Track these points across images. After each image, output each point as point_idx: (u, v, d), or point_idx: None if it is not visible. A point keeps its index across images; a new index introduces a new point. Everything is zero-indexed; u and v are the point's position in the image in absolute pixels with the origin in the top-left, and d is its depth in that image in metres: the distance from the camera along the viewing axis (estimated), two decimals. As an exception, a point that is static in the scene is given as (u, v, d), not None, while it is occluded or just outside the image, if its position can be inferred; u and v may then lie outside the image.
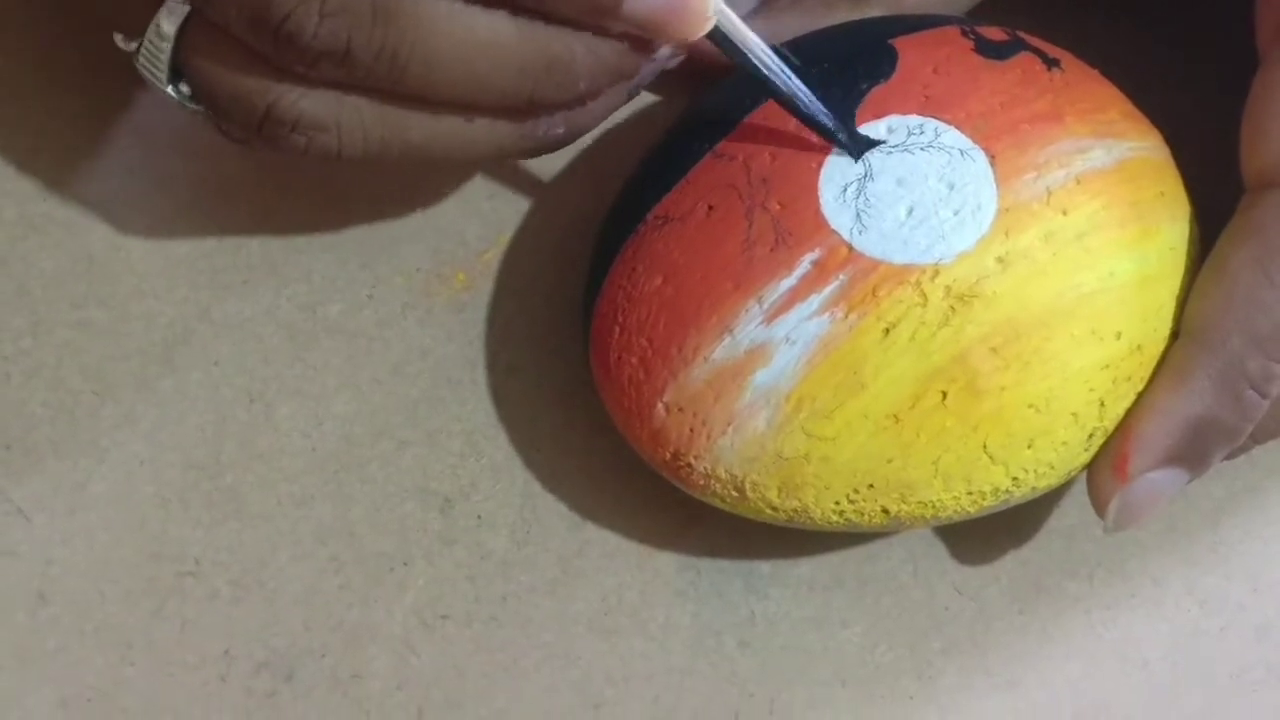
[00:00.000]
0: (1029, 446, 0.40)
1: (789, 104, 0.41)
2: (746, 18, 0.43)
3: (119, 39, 0.41)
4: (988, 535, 0.45)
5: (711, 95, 0.44)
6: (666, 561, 0.45)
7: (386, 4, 0.38)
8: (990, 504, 0.41)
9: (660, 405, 0.41)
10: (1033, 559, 0.45)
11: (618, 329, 0.42)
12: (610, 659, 0.44)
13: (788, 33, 0.44)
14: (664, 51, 0.40)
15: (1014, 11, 0.45)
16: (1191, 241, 0.42)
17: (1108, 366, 0.40)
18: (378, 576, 0.44)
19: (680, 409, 0.41)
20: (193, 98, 0.41)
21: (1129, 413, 0.41)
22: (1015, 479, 0.40)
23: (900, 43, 0.43)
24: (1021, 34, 0.44)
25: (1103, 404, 0.40)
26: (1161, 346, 0.41)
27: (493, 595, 0.44)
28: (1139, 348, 0.41)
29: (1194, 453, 0.41)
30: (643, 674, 0.44)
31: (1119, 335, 0.40)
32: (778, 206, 0.41)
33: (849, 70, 0.42)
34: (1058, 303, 0.40)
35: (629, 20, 0.38)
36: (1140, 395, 0.41)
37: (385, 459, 0.45)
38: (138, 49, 0.41)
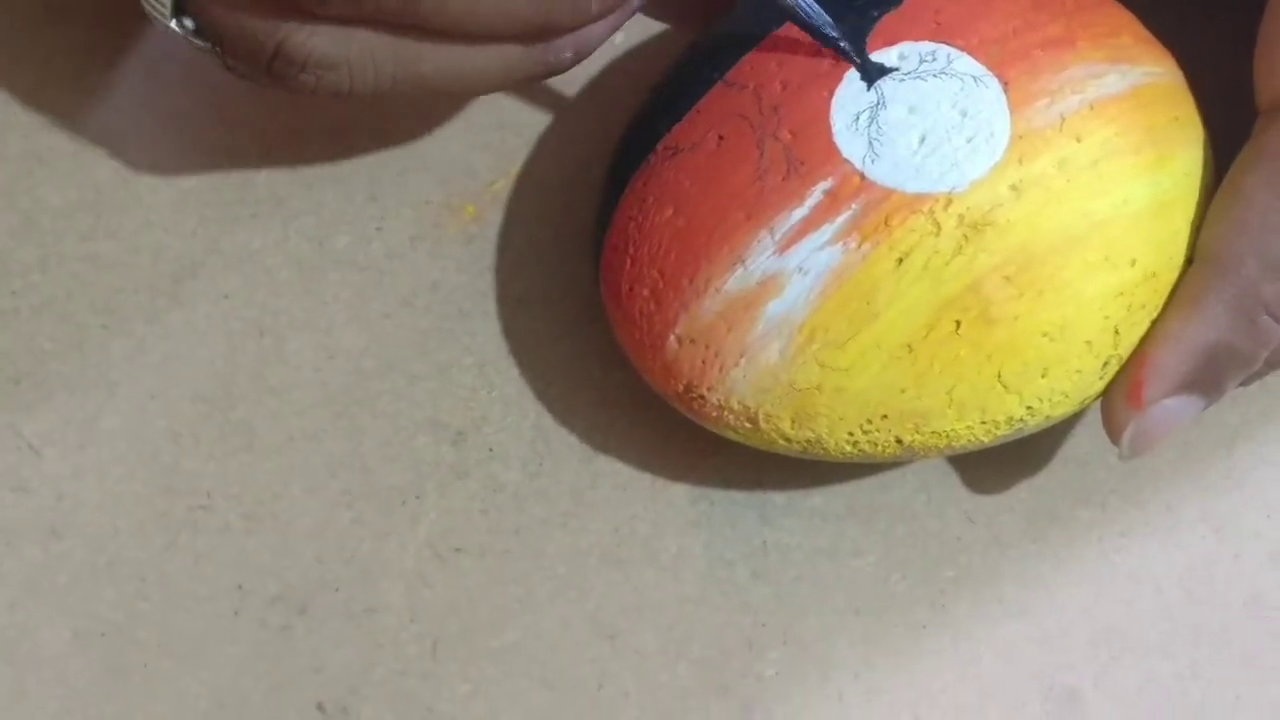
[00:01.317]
0: (1043, 375, 0.40)
1: (795, 16, 0.41)
2: None
3: None
4: (1001, 464, 0.44)
5: (721, 24, 0.44)
6: (679, 492, 0.45)
7: None
8: (1004, 433, 0.41)
9: (672, 337, 0.41)
10: (1046, 487, 0.45)
11: (629, 261, 0.42)
12: (623, 590, 0.44)
13: None
14: None
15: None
16: (1206, 167, 0.42)
17: (1122, 294, 0.40)
18: (390, 509, 0.44)
19: (692, 340, 0.41)
20: (198, 34, 0.40)
21: (1144, 340, 0.41)
22: (1030, 408, 0.40)
23: None
24: None
25: (1117, 331, 0.40)
26: (1176, 273, 0.41)
27: (505, 527, 0.44)
28: (1154, 274, 0.40)
29: (1209, 379, 0.40)
30: (656, 604, 0.44)
31: (1133, 262, 0.40)
32: (789, 135, 0.41)
33: None
34: (1071, 230, 0.40)
35: None
36: (1155, 322, 0.41)
37: (396, 392, 0.45)
38: None
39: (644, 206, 0.42)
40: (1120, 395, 0.41)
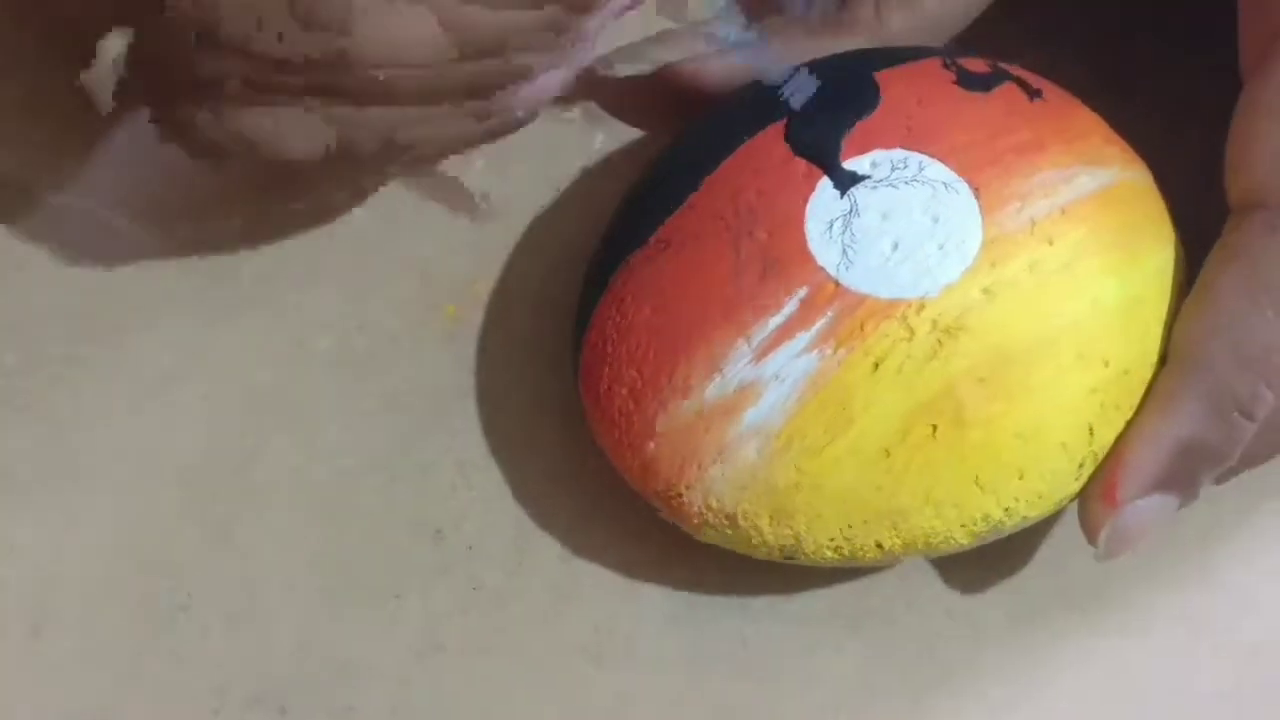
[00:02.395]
0: (1020, 476, 0.40)
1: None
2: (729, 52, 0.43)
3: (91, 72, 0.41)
4: (980, 563, 0.44)
5: (696, 131, 0.44)
6: (659, 591, 0.45)
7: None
8: (983, 534, 0.41)
9: (652, 439, 0.41)
10: (1025, 585, 0.45)
11: (607, 360, 0.42)
12: (603, 689, 0.44)
13: (771, 63, 0.45)
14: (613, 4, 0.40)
15: (994, 37, 0.45)
16: (1177, 265, 0.42)
17: (1095, 391, 0.40)
18: (370, 608, 0.44)
19: (671, 441, 0.41)
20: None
21: (1118, 439, 0.41)
22: (1007, 509, 0.41)
23: (883, 76, 0.43)
24: (1003, 65, 0.44)
25: (1092, 431, 0.41)
26: (1150, 370, 0.41)
27: (486, 626, 0.44)
28: (1126, 372, 0.41)
29: (1183, 477, 0.41)
30: (636, 703, 0.44)
31: (1106, 362, 0.40)
32: (764, 236, 0.41)
33: (834, 104, 0.42)
34: (1044, 332, 0.40)
35: None
36: (1129, 422, 0.41)
37: (377, 490, 0.45)
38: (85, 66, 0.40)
39: (622, 306, 0.42)
40: (1095, 495, 0.41)
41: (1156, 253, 0.42)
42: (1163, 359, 0.41)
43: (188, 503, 0.45)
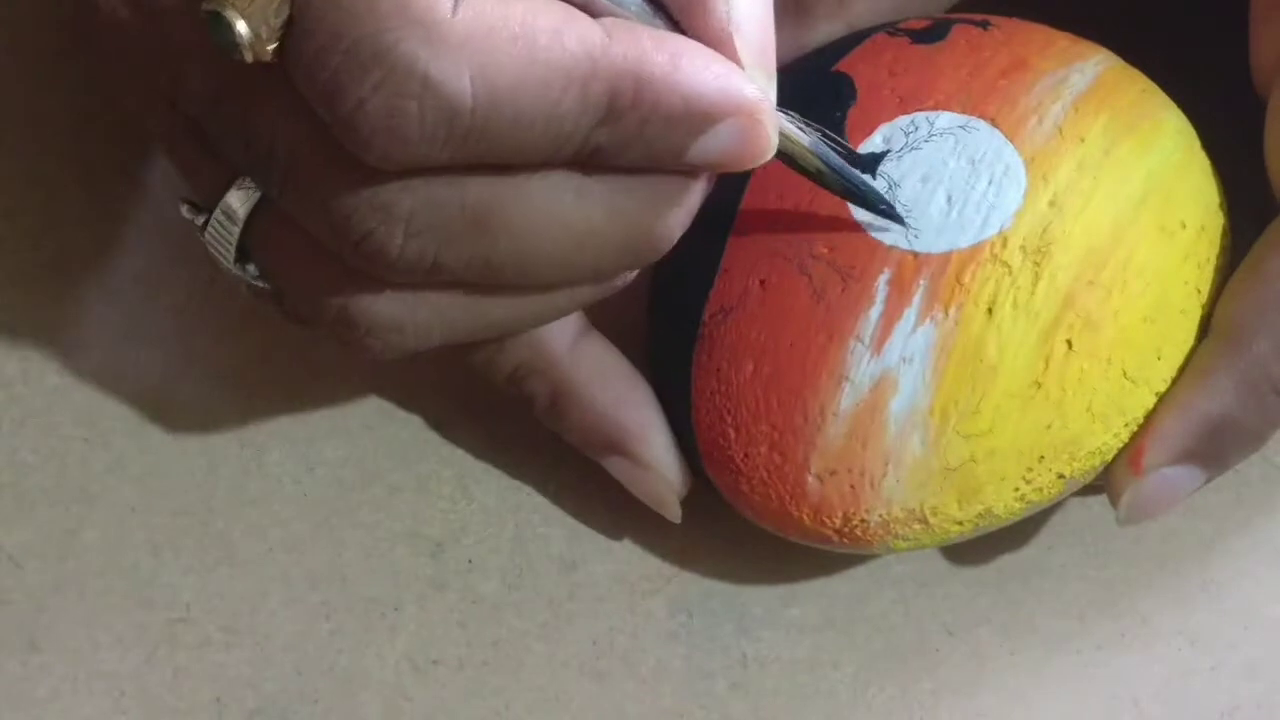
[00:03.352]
0: (1159, 358, 0.41)
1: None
2: None
3: (185, 210, 0.40)
4: (978, 576, 0.45)
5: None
6: (657, 604, 0.45)
7: (477, 216, 0.36)
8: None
9: (811, 478, 0.41)
10: (1023, 599, 0.45)
11: (732, 431, 0.42)
12: (602, 702, 0.44)
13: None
14: None
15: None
16: (1185, 123, 0.44)
17: (1187, 256, 0.41)
18: (369, 621, 0.44)
19: (833, 472, 0.41)
20: (260, 278, 0.40)
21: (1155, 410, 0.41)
22: (1158, 393, 0.41)
23: (844, 65, 0.44)
24: (938, 16, 0.45)
25: (1199, 291, 0.42)
26: (1216, 219, 0.42)
27: (484, 639, 0.44)
28: (1202, 229, 0.42)
29: (1211, 452, 0.41)
30: (635, 717, 0.44)
31: (1184, 224, 0.42)
32: (826, 250, 0.41)
33: (815, 108, 0.42)
34: (1119, 218, 0.41)
35: (698, 164, 0.37)
36: (1219, 278, 0.42)
37: (376, 503, 0.45)
38: (204, 224, 0.40)
39: (720, 376, 0.42)
40: (1123, 460, 0.41)
41: (1169, 115, 0.43)
42: (1220, 207, 0.43)
43: (187, 515, 0.45)
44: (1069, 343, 0.40)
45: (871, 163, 0.42)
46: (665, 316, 0.44)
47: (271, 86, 0.36)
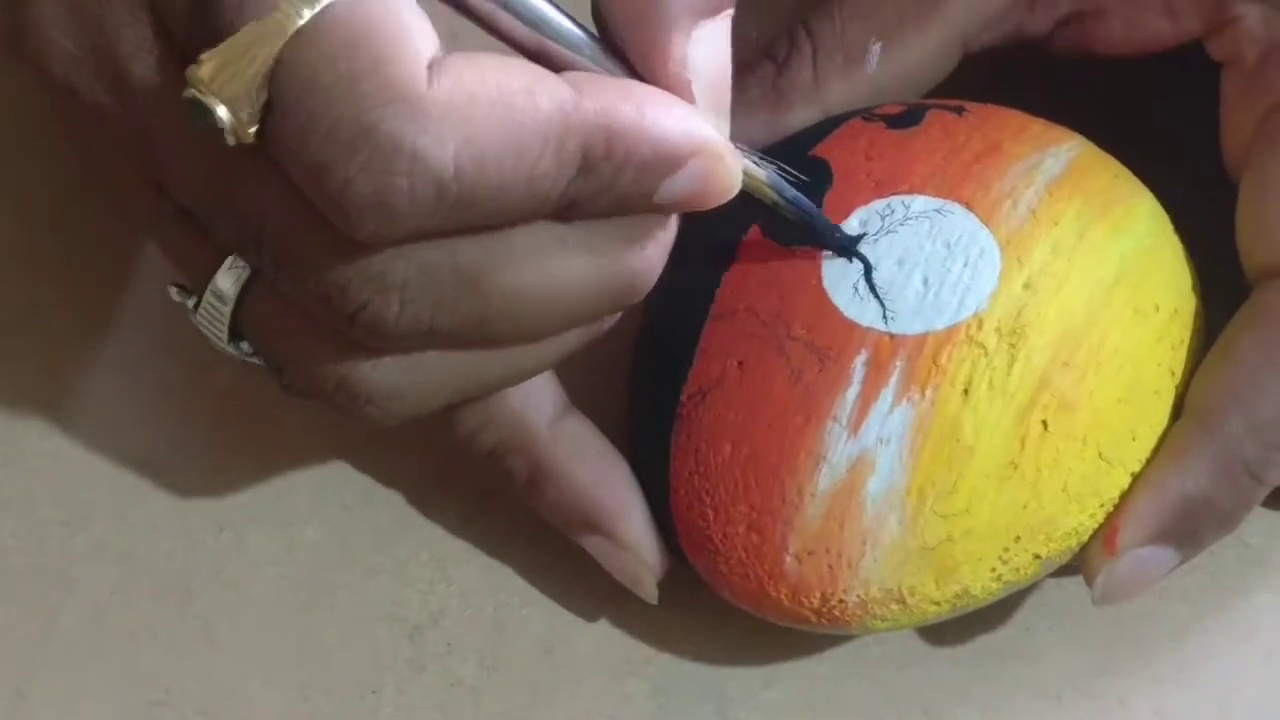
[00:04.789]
0: (1134, 438, 0.41)
1: (801, 224, 0.41)
2: None
3: (174, 293, 0.40)
4: (956, 656, 0.45)
5: (678, 268, 0.42)
6: (636, 686, 0.45)
7: (468, 277, 0.36)
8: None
9: (789, 558, 0.41)
10: (1001, 679, 0.45)
11: (710, 511, 0.42)
12: (581, 785, 0.44)
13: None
14: None
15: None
16: (1159, 208, 0.44)
17: (1162, 338, 0.42)
18: (348, 704, 0.44)
19: (811, 552, 0.41)
20: (254, 356, 0.40)
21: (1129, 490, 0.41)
22: (1133, 474, 0.41)
23: (821, 150, 0.44)
24: (912, 101, 0.46)
25: (1173, 373, 0.42)
26: (1189, 302, 0.43)
27: (463, 722, 0.44)
28: (1175, 311, 0.42)
29: (1185, 532, 0.41)
30: (613, 800, 0.44)
31: (1157, 307, 0.42)
32: (803, 331, 0.41)
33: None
34: (1094, 300, 0.41)
35: (667, 204, 0.38)
36: (1193, 360, 0.42)
37: (354, 585, 0.46)
38: (195, 305, 0.40)
39: (699, 457, 0.42)
40: (1097, 541, 0.41)
41: (1141, 200, 0.44)
42: (1193, 290, 0.43)
43: (166, 597, 0.45)
44: (1045, 423, 0.40)
45: (850, 243, 0.42)
46: (644, 398, 0.44)
47: (256, 166, 0.36)
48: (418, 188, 0.34)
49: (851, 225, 0.42)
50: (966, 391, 0.40)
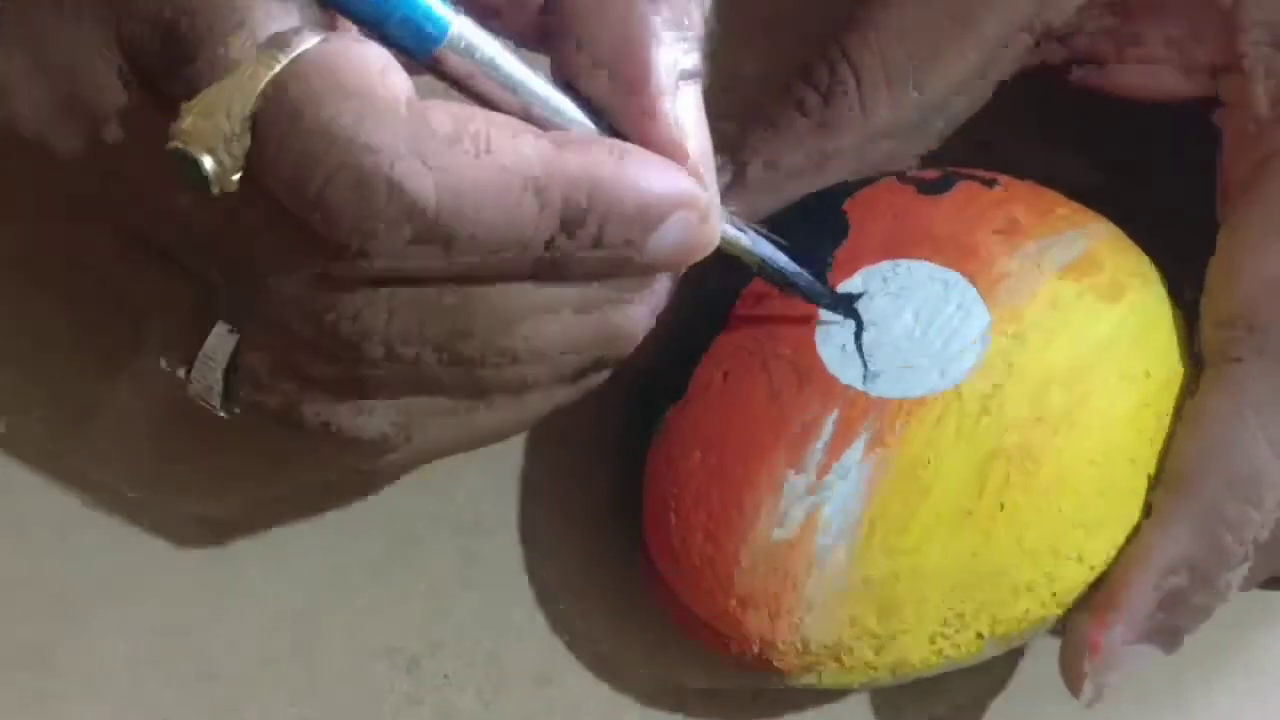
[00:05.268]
0: (1100, 501, 0.41)
1: (782, 283, 0.42)
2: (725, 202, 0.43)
3: (164, 363, 0.40)
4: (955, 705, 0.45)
5: (687, 304, 0.43)
6: (631, 718, 0.45)
7: (455, 319, 0.37)
8: (1076, 573, 0.41)
9: (739, 571, 0.41)
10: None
11: (672, 515, 0.42)
12: (578, 819, 0.44)
13: (763, 208, 0.45)
14: None
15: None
16: (1167, 293, 0.44)
17: (1147, 405, 0.41)
18: (345, 737, 0.45)
19: (759, 570, 0.41)
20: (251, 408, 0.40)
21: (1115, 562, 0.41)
22: (1094, 536, 0.41)
23: (847, 205, 0.45)
24: (952, 168, 0.45)
25: (1153, 442, 0.41)
26: (1181, 378, 0.42)
27: (460, 755, 0.45)
28: (1168, 381, 0.42)
29: (1169, 610, 0.41)
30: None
31: (1148, 373, 0.42)
32: (789, 351, 0.42)
33: (807, 243, 0.43)
34: (1082, 357, 0.41)
35: (652, 261, 0.38)
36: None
37: (352, 618, 0.46)
38: (187, 374, 0.40)
39: (671, 462, 0.43)
40: (1079, 649, 0.41)
41: (1152, 284, 0.43)
42: (1193, 363, 0.42)
43: (164, 632, 0.45)
44: (1007, 475, 0.40)
45: (846, 302, 0.42)
46: (643, 401, 0.45)
47: (243, 199, 0.36)
48: (395, 214, 0.35)
49: (855, 283, 0.43)
50: (931, 434, 0.41)
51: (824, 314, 0.42)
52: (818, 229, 0.44)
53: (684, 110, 0.37)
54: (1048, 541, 0.40)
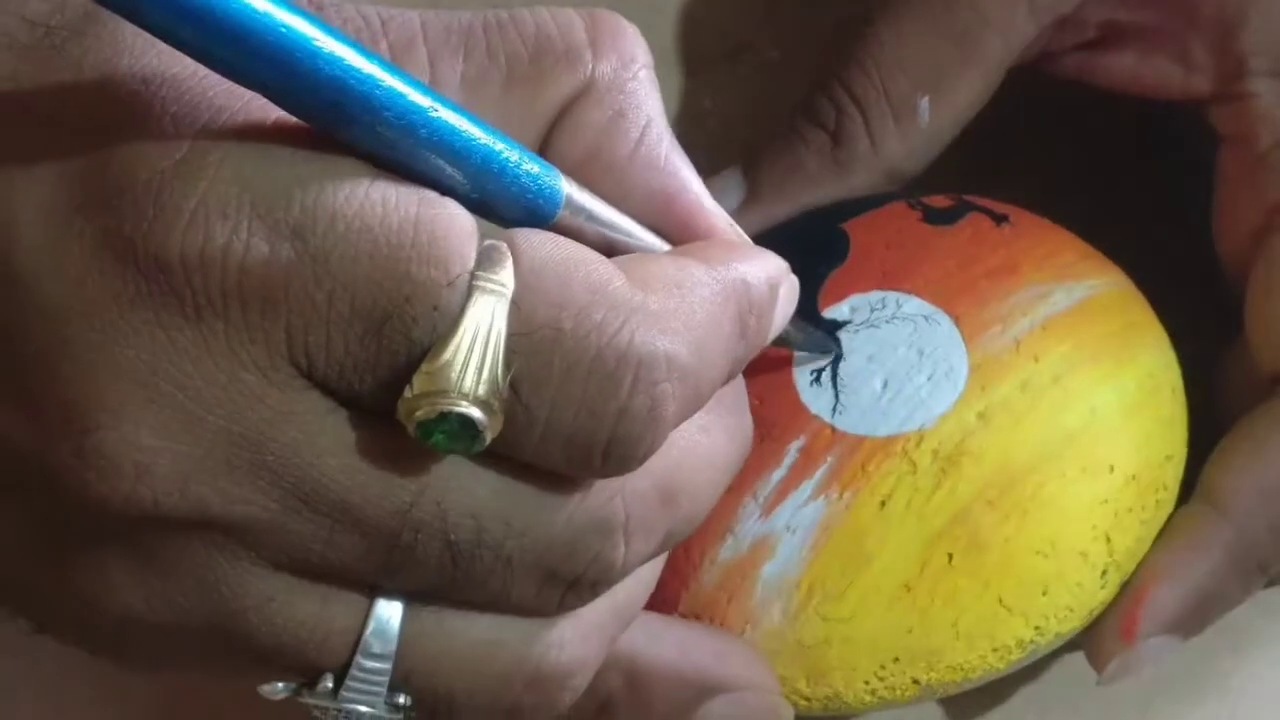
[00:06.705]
0: (1044, 593, 0.40)
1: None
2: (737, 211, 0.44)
3: (278, 689, 0.33)
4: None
5: None
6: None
7: (668, 490, 0.34)
8: (1017, 657, 0.41)
9: (676, 617, 0.41)
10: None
11: None
12: None
13: (780, 217, 0.45)
14: None
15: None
16: (1168, 365, 0.44)
17: (1107, 501, 0.41)
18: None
19: (697, 616, 0.41)
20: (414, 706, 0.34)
21: (1143, 563, 0.42)
22: (1037, 628, 0.41)
23: (851, 225, 0.44)
24: (968, 197, 0.45)
25: (1109, 539, 0.41)
26: (1157, 471, 0.42)
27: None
28: (1134, 477, 0.42)
29: (1197, 620, 0.42)
30: None
31: (1112, 468, 0.41)
32: (756, 401, 0.40)
33: (806, 260, 0.41)
34: (1045, 447, 0.41)
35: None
36: (1154, 545, 0.42)
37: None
38: (336, 686, 0.33)
39: None
40: (1113, 628, 0.42)
41: (1146, 356, 0.43)
42: (1169, 459, 0.42)
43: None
44: (950, 555, 0.40)
45: (830, 329, 0.42)
46: None
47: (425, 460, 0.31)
48: (678, 389, 0.32)
49: (842, 310, 0.43)
50: (884, 504, 0.40)
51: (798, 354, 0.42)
52: (818, 247, 0.44)
53: (708, 201, 0.35)
54: (984, 628, 0.40)
